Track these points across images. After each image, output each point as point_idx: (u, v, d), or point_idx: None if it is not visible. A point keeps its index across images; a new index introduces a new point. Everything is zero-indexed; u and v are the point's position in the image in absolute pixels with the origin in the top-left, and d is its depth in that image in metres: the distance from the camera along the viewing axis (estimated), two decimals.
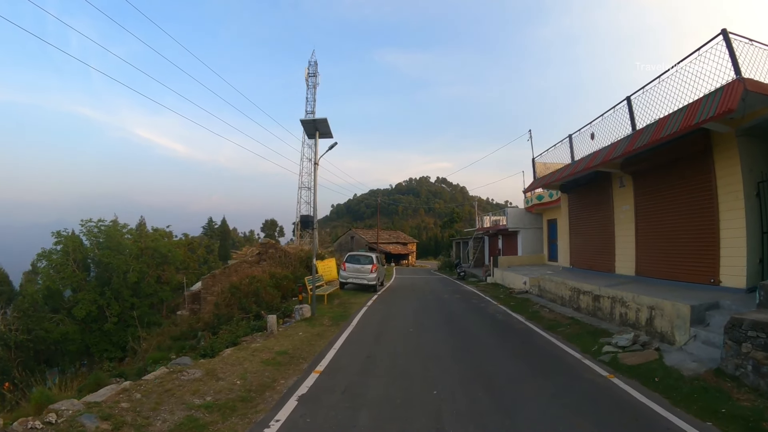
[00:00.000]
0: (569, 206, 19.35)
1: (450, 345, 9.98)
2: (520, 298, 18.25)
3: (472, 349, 9.55)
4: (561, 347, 9.65)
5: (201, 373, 7.47)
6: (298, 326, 12.16)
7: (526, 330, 11.88)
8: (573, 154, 16.81)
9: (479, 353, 9.21)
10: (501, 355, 9.10)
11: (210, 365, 8.03)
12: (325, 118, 13.31)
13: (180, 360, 8.97)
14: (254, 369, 7.83)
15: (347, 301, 17.44)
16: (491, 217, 38.32)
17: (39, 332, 25.52)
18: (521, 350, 9.54)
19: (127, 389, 6.49)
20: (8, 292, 32.84)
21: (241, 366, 7.99)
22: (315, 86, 50.30)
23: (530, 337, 10.90)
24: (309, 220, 13.86)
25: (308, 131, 13.97)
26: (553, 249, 25.96)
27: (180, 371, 7.51)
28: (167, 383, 6.84)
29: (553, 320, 12.82)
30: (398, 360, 8.51)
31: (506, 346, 10.00)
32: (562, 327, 11.73)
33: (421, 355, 8.89)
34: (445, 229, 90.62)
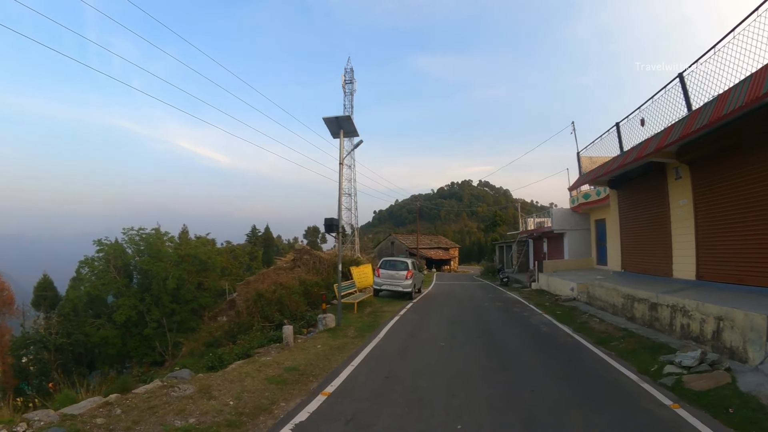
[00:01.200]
0: (619, 203, 17.80)
1: (484, 363, 8.69)
2: (566, 306, 16.77)
3: (510, 369, 8.20)
4: (614, 366, 8.26)
5: (194, 389, 6.66)
6: (319, 337, 11.22)
7: (574, 345, 10.41)
8: (621, 144, 15.40)
9: (518, 374, 7.85)
10: (544, 376, 7.69)
11: (207, 381, 7.19)
12: (348, 116, 12.43)
13: (178, 373, 8.18)
14: (254, 387, 6.92)
15: (379, 310, 16.43)
16: (535, 218, 36.46)
17: (78, 336, 26.73)
18: (568, 370, 8.11)
19: (111, 403, 5.97)
20: (52, 298, 33.91)
21: (240, 383, 7.10)
22: (352, 93, 50.39)
23: (578, 354, 9.47)
24: (333, 223, 12.86)
25: (332, 130, 13.06)
26: (602, 252, 24.25)
27: (172, 386, 6.77)
28: (154, 399, 6.17)
29: (604, 332, 11.38)
30: (421, 381, 7.33)
31: (550, 364, 8.55)
32: (614, 341, 10.29)
33: (449, 376, 7.66)
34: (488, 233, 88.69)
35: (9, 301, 32.57)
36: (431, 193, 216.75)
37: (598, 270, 23.08)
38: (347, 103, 50.01)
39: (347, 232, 54.68)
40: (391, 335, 11.56)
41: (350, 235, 54.38)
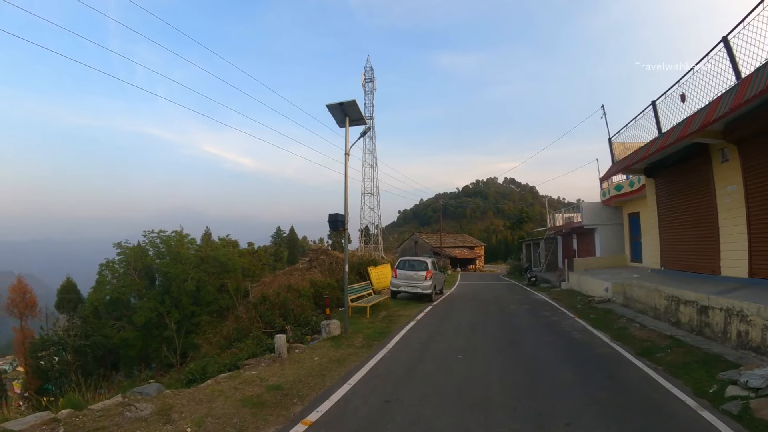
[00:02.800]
0: (657, 193, 16.24)
1: (508, 383, 7.10)
2: (601, 308, 15.21)
3: (540, 392, 6.63)
4: (664, 386, 6.74)
5: (152, 410, 5.67)
6: (320, 347, 10.01)
7: (613, 356, 8.87)
8: (659, 125, 13.86)
9: (549, 399, 6.27)
10: (581, 402, 6.16)
11: (171, 399, 6.16)
12: (353, 100, 11.12)
13: (145, 388, 7.12)
14: (223, 411, 5.81)
15: (394, 314, 15.16)
16: (564, 214, 34.59)
17: (97, 338, 27.10)
18: (609, 393, 6.50)
19: (58, 420, 5.34)
20: (75, 300, 33.98)
21: (209, 404, 6.02)
22: (372, 91, 50.05)
23: (620, 369, 7.86)
24: (338, 219, 11.70)
25: (337, 118, 11.88)
26: (636, 248, 22.71)
27: (129, 404, 5.78)
28: (105, 419, 5.38)
29: (647, 340, 9.91)
30: (428, 410, 5.87)
31: (588, 385, 6.96)
32: (660, 351, 8.81)
33: (463, 402, 6.15)
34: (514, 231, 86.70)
35: (32, 304, 33.47)
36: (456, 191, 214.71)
37: (633, 268, 21.54)
38: (368, 102, 49.47)
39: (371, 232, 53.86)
40: (402, 345, 10.25)
41: (374, 235, 53.59)
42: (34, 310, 34.30)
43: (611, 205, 25.14)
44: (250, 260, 37.70)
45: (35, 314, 34.25)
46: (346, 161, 11.90)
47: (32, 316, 33.98)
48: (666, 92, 13.27)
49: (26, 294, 34.19)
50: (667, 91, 13.21)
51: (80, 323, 29.01)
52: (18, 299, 33.22)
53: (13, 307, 32.75)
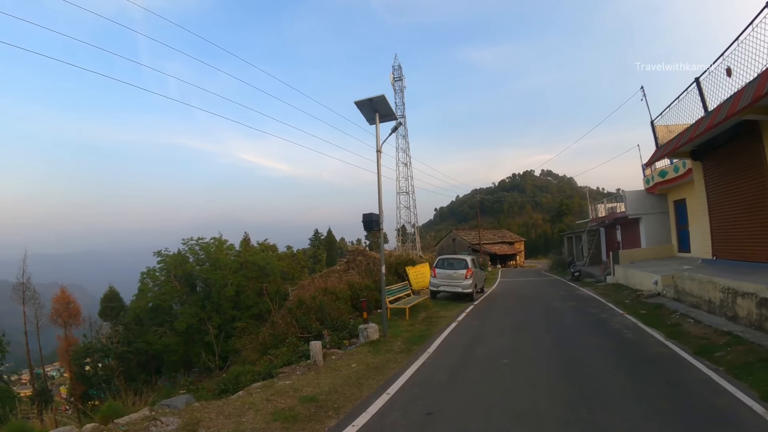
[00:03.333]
0: (705, 178, 15.29)
1: (557, 390, 6.55)
2: (651, 303, 14.40)
3: (592, 397, 6.12)
4: (727, 389, 6.12)
5: (178, 424, 5.45)
6: (357, 353, 9.64)
7: (670, 357, 8.18)
8: (705, 103, 13.03)
9: (603, 409, 5.69)
10: (638, 411, 5.51)
11: (199, 413, 5.91)
12: (382, 95, 10.72)
13: (173, 400, 6.83)
14: (252, 426, 5.51)
15: (435, 315, 14.74)
16: (606, 204, 33.43)
17: (139, 344, 27.79)
18: (669, 399, 5.91)
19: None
20: (118, 308, 34.97)
21: (238, 419, 5.73)
22: (402, 90, 49.88)
23: (677, 372, 7.23)
24: (372, 219, 11.34)
25: (367, 115, 11.54)
26: (683, 237, 21.68)
27: (154, 419, 5.57)
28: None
29: (704, 338, 9.21)
30: (472, 422, 5.39)
31: (644, 390, 6.33)
32: (718, 350, 8.11)
33: (510, 413, 5.64)
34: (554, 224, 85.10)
35: (75, 313, 34.50)
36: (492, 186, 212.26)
37: (681, 258, 20.57)
38: (398, 100, 49.23)
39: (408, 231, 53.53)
40: (444, 349, 9.78)
41: (411, 234, 53.29)
42: (78, 318, 35.37)
43: (655, 193, 24.10)
44: (288, 263, 38.01)
45: (79, 323, 35.38)
46: (378, 158, 11.56)
47: (76, 325, 35.13)
48: (709, 68, 12.47)
49: (69, 304, 35.17)
50: (710, 67, 12.41)
51: (122, 330, 29.82)
52: (61, 309, 34.16)
53: (57, 317, 33.68)
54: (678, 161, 19.68)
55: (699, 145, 14.38)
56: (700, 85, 13.33)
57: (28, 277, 30.92)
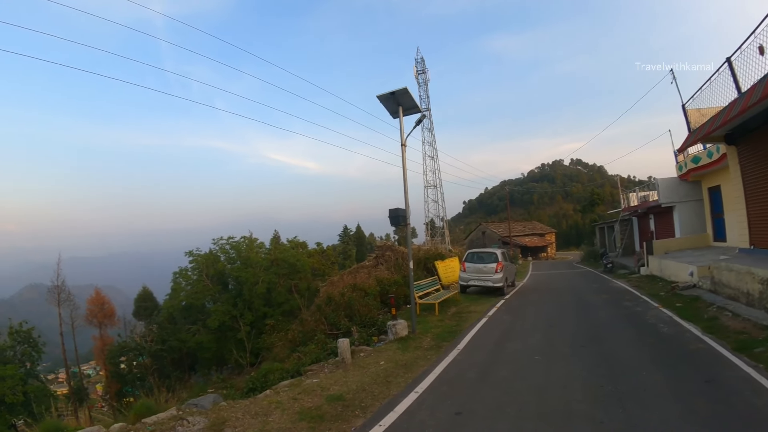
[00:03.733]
0: (740, 163, 14.68)
1: (591, 387, 6.38)
2: (686, 295, 13.92)
3: (627, 397, 5.85)
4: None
5: (204, 424, 5.50)
6: (386, 350, 9.56)
7: (708, 354, 7.82)
8: (738, 84, 12.49)
9: (639, 406, 5.51)
10: (675, 410, 5.33)
11: (226, 413, 5.92)
12: (405, 88, 10.55)
13: (200, 399, 6.90)
14: (278, 426, 5.49)
15: (465, 310, 14.56)
16: (638, 192, 32.47)
17: (173, 342, 28.11)
18: (707, 398, 5.64)
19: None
20: (151, 308, 35.62)
21: (264, 418, 5.72)
22: (426, 83, 49.74)
23: (716, 369, 6.88)
24: (399, 214, 11.22)
25: (390, 109, 11.40)
26: (719, 225, 20.98)
27: (181, 419, 5.61)
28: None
29: (743, 332, 8.79)
30: (503, 422, 5.26)
31: (682, 389, 6.06)
32: (758, 345, 7.70)
33: (541, 414, 5.46)
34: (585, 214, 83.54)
35: (110, 314, 35.42)
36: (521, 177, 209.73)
37: (716, 248, 19.92)
38: (422, 93, 49.04)
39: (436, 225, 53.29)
40: (474, 345, 9.61)
41: (440, 228, 53.03)
42: (113, 318, 36.21)
43: (689, 180, 23.34)
44: (318, 260, 38.13)
45: (114, 323, 36.20)
46: (403, 152, 11.42)
47: (111, 325, 35.90)
48: (741, 46, 11.93)
49: (104, 304, 36.04)
50: (741, 45, 11.88)
51: (156, 329, 30.32)
52: (96, 310, 35.01)
53: (92, 317, 34.44)
54: (712, 146, 19.03)
55: (733, 129, 13.85)
56: (732, 65, 12.77)
57: (63, 279, 31.43)
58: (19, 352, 24.28)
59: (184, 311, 30.25)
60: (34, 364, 24.89)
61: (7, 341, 24.17)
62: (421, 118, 11.50)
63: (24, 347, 24.56)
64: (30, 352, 24.65)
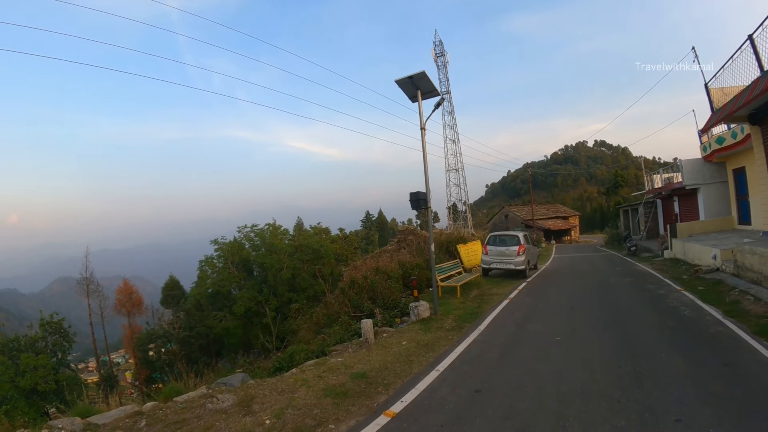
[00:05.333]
0: (764, 143, 14.41)
1: (611, 368, 6.47)
2: (709, 279, 13.81)
3: (645, 378, 5.93)
4: None
5: (233, 401, 5.73)
6: (408, 331, 9.74)
7: (727, 337, 7.77)
8: (760, 62, 12.24)
9: (656, 387, 5.57)
10: (692, 392, 5.37)
11: (254, 390, 6.18)
12: (423, 72, 10.58)
13: (229, 378, 7.19)
14: (304, 401, 5.71)
15: (487, 293, 14.61)
16: (663, 174, 31.93)
17: (200, 329, 28.73)
18: (724, 382, 5.66)
19: (141, 413, 5.60)
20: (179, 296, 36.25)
21: (290, 395, 5.95)
22: (445, 65, 49.21)
23: (735, 352, 6.87)
24: (420, 197, 11.33)
25: (408, 93, 11.47)
26: (744, 208, 20.56)
27: (212, 396, 5.87)
28: (187, 411, 5.57)
29: (764, 316, 8.72)
30: (522, 401, 5.37)
31: (700, 372, 6.09)
32: None
33: (561, 394, 5.55)
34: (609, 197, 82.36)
35: (138, 303, 36.48)
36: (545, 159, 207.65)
37: (741, 231, 19.61)
38: (441, 76, 48.58)
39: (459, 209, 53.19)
40: (495, 326, 9.73)
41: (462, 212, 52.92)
42: (141, 308, 37.33)
43: (713, 161, 22.95)
44: (341, 245, 38.41)
45: (142, 312, 37.35)
46: (423, 136, 11.51)
47: (139, 314, 37.07)
48: (763, 23, 11.70)
49: (132, 294, 37.07)
50: (764, 22, 11.64)
51: (184, 316, 30.97)
52: (125, 299, 36.05)
53: (120, 307, 35.51)
54: (736, 126, 18.66)
55: (757, 108, 13.60)
56: (754, 43, 12.50)
57: (92, 271, 32.41)
58: (51, 343, 24.92)
59: (211, 298, 30.82)
60: (65, 353, 25.53)
61: (38, 332, 24.85)
62: (440, 101, 11.50)
63: (55, 338, 25.23)
64: (61, 342, 25.32)
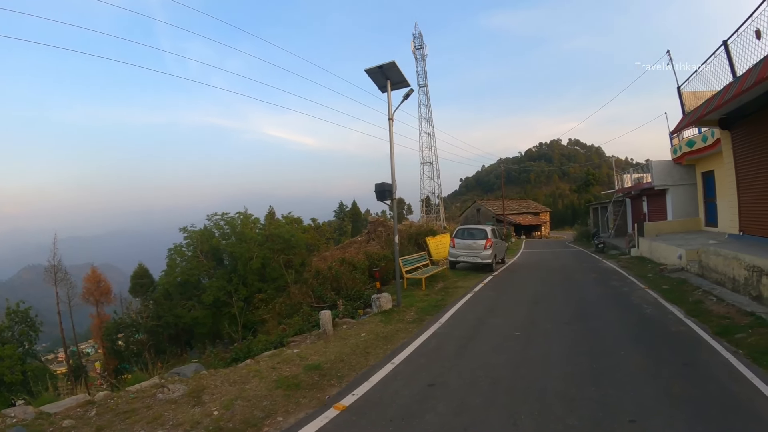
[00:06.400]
0: (734, 148, 14.61)
1: (569, 365, 6.42)
2: (674, 278, 14.01)
3: (603, 376, 5.88)
4: (745, 376, 5.76)
5: (184, 391, 5.61)
6: (368, 323, 9.66)
7: (688, 336, 7.83)
8: (734, 68, 12.41)
9: (613, 386, 5.51)
10: (650, 391, 5.32)
11: (206, 381, 6.05)
12: (393, 62, 10.44)
13: (183, 369, 7.06)
14: (255, 393, 5.59)
15: (452, 285, 14.64)
16: (633, 174, 32.41)
17: (168, 318, 28.03)
18: (683, 382, 5.64)
19: (93, 402, 5.47)
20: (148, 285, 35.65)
21: (242, 386, 5.82)
22: (423, 58, 49.07)
23: (695, 352, 6.89)
24: (385, 188, 11.21)
25: (378, 83, 11.33)
26: (711, 210, 20.99)
27: (162, 386, 5.74)
28: (138, 401, 5.44)
29: (725, 317, 8.83)
30: (475, 398, 5.27)
31: (659, 371, 6.05)
32: (740, 331, 7.74)
33: (517, 388, 5.52)
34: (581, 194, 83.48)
35: (106, 291, 35.89)
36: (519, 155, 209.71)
37: (708, 232, 19.98)
38: (419, 69, 48.49)
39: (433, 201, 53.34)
40: (457, 320, 9.71)
41: (435, 205, 53.08)
42: (109, 296, 36.55)
43: (683, 164, 23.31)
44: (313, 235, 38.08)
45: (110, 301, 36.56)
46: (391, 127, 11.41)
47: (108, 303, 36.28)
48: (738, 29, 11.82)
49: (100, 282, 36.29)
50: (739, 29, 11.76)
51: (152, 305, 30.41)
52: (93, 288, 35.33)
53: (88, 296, 34.80)
54: (707, 130, 18.95)
55: (728, 113, 13.78)
56: (728, 49, 12.67)
57: (59, 259, 31.64)
58: (17, 332, 24.30)
59: (180, 287, 30.21)
60: (31, 343, 24.93)
61: (4, 322, 24.18)
62: (409, 92, 11.38)
63: (21, 327, 24.54)
64: (27, 332, 24.66)
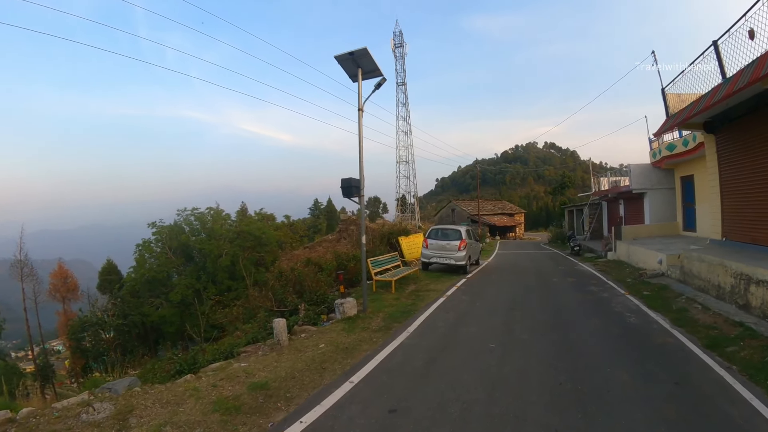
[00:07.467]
0: (718, 153, 14.19)
1: (549, 384, 5.71)
2: (655, 284, 13.49)
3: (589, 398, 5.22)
4: (744, 397, 5.21)
5: (110, 412, 4.94)
6: (330, 331, 8.87)
7: (677, 349, 7.22)
8: (723, 69, 11.92)
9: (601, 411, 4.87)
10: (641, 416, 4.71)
11: (137, 399, 5.29)
12: (364, 48, 9.68)
13: (115, 383, 6.20)
14: (188, 417, 4.82)
15: (423, 288, 13.95)
16: (610, 177, 32.33)
17: (135, 317, 27.25)
18: (677, 405, 5.01)
19: (13, 420, 4.97)
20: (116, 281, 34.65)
21: (174, 407, 5.06)
22: (403, 57, 48.94)
23: (686, 369, 6.28)
24: (352, 184, 10.42)
25: (349, 71, 10.54)
26: (689, 215, 20.79)
27: (88, 405, 5.09)
28: (60, 422, 4.77)
29: (714, 328, 8.28)
30: (443, 426, 4.57)
31: (649, 392, 5.41)
32: (730, 344, 7.19)
33: (491, 414, 4.82)
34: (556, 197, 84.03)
35: (73, 288, 35.54)
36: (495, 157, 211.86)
37: (686, 237, 19.75)
38: (399, 67, 48.18)
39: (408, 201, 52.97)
40: (426, 328, 8.95)
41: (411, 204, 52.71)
42: (76, 293, 35.67)
43: (662, 168, 23.06)
44: (286, 233, 37.31)
45: (77, 297, 35.62)
46: (360, 118, 10.63)
47: (75, 299, 35.40)
48: (729, 29, 11.30)
49: (67, 279, 35.54)
50: (730, 29, 11.26)
51: (118, 303, 29.31)
52: (59, 284, 34.54)
53: (55, 292, 33.97)
54: (688, 134, 18.68)
55: (714, 117, 13.35)
56: (719, 49, 12.15)
57: (26, 253, 30.60)
58: None
59: (148, 285, 29.27)
60: None
61: None
62: (381, 81, 10.59)
63: None
64: None
